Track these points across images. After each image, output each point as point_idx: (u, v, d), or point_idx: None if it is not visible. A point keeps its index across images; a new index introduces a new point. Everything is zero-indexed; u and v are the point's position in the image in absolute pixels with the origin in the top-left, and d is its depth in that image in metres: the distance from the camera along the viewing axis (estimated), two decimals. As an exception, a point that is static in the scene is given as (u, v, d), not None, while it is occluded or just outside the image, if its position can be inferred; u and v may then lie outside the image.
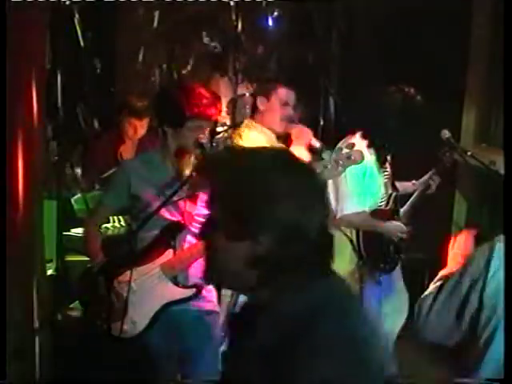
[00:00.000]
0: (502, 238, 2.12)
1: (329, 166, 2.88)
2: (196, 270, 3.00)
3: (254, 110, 3.80)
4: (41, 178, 3.43)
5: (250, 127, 3.74)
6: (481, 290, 2.01)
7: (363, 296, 3.77)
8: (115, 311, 2.91)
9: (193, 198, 2.99)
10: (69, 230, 4.41)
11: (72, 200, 4.64)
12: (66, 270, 4.35)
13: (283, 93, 3.73)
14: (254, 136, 3.69)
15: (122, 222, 4.39)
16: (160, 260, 2.96)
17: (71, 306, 4.29)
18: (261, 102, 3.73)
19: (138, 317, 2.94)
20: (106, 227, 4.37)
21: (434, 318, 2.09)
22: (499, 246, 2.08)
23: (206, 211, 3.01)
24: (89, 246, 3.15)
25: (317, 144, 3.70)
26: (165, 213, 2.95)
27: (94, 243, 3.14)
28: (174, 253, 2.96)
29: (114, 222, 4.41)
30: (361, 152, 2.97)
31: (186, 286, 2.98)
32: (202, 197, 3.02)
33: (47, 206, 3.87)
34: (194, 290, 2.97)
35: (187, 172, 2.97)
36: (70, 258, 4.46)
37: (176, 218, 2.98)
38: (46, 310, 3.53)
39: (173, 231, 2.97)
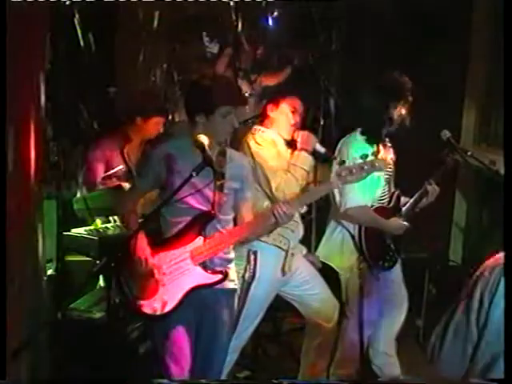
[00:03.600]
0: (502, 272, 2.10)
1: (353, 171, 3.07)
2: (223, 256, 3.21)
3: (264, 116, 3.92)
4: (41, 178, 3.43)
5: (264, 130, 3.85)
6: (482, 325, 2.07)
7: (362, 291, 3.79)
8: (147, 290, 3.11)
9: (220, 187, 3.14)
10: (69, 230, 4.41)
11: (72, 200, 4.64)
12: (66, 270, 4.35)
13: (292, 100, 3.86)
14: (269, 138, 3.81)
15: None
16: (190, 246, 3.13)
17: (71, 305, 4.29)
18: (270, 109, 3.87)
19: (168, 297, 3.11)
20: (106, 227, 4.38)
21: (445, 357, 2.19)
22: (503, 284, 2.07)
23: (230, 198, 3.16)
24: (127, 218, 3.29)
25: (322, 150, 3.79)
26: (194, 203, 3.11)
27: (132, 216, 3.28)
28: (204, 240, 3.13)
29: (114, 221, 4.42)
30: (384, 160, 3.21)
31: (214, 272, 3.16)
32: (228, 184, 3.17)
33: (47, 205, 3.87)
34: (221, 275, 3.16)
35: (214, 160, 3.10)
36: (70, 258, 4.46)
37: (205, 207, 3.13)
38: (46, 309, 3.53)
39: (203, 220, 3.13)
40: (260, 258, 3.71)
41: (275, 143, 3.82)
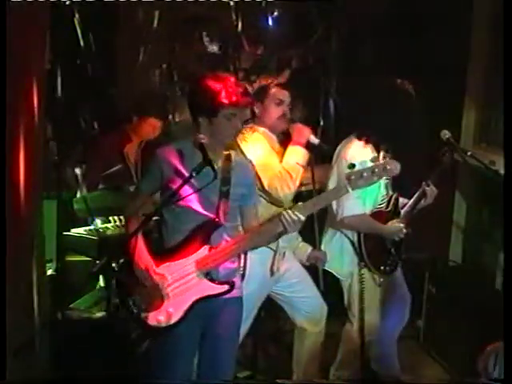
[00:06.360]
0: None
1: (364, 175, 2.89)
2: (228, 265, 3.11)
3: (252, 113, 3.80)
4: (41, 178, 3.43)
5: (254, 130, 3.74)
6: None
7: (363, 296, 3.78)
8: (151, 301, 3.02)
9: (226, 193, 3.05)
10: (69, 230, 4.42)
11: (72, 200, 4.65)
12: (65, 270, 4.36)
13: (276, 93, 3.74)
14: (256, 138, 3.68)
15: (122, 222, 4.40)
16: (195, 256, 3.03)
17: (71, 305, 4.29)
18: (256, 107, 3.75)
19: (173, 309, 3.03)
20: (106, 227, 4.38)
21: None
22: None
23: (236, 205, 3.08)
24: (129, 221, 3.20)
25: (315, 141, 3.68)
26: (199, 208, 3.03)
27: (133, 220, 3.16)
28: (210, 249, 3.04)
29: (114, 221, 4.42)
30: (397, 163, 2.95)
31: (221, 283, 3.07)
32: (234, 190, 3.08)
33: (47, 205, 3.87)
34: (228, 285, 3.08)
35: (219, 164, 3.04)
36: (69, 258, 4.47)
37: (210, 213, 3.03)
38: (45, 309, 3.53)
39: (209, 228, 3.04)
40: (249, 256, 3.67)
41: (265, 139, 3.69)
